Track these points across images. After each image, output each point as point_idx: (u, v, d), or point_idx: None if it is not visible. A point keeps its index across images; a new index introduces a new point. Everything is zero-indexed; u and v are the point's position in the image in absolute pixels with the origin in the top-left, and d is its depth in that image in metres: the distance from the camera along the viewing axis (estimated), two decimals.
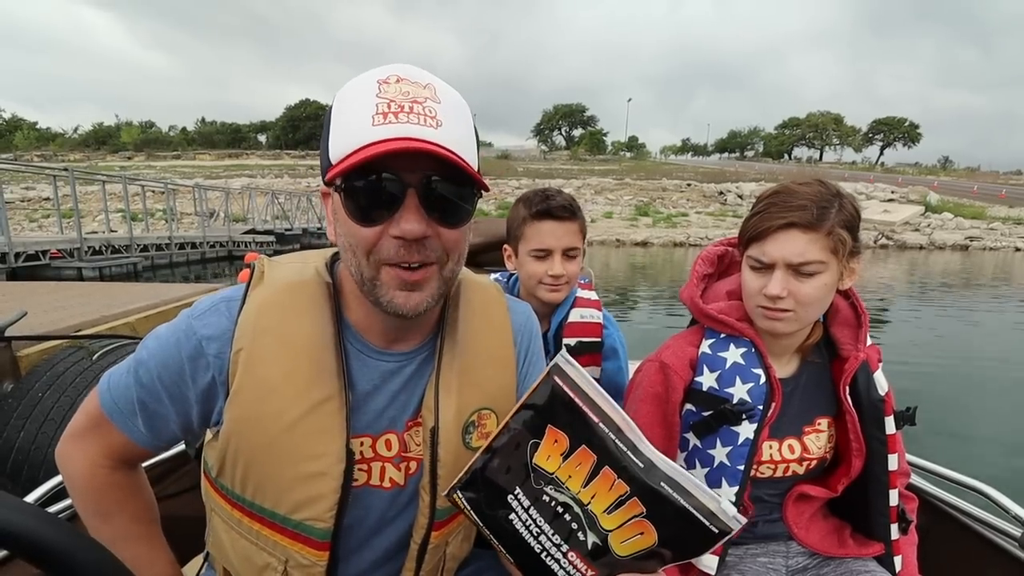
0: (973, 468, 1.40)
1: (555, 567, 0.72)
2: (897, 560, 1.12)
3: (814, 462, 1.12)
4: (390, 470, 0.84)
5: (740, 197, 37.93)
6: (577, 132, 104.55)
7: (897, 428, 1.10)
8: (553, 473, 0.71)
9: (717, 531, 0.65)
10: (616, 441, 0.67)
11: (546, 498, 0.71)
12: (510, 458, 0.73)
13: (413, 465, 0.85)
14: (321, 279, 0.83)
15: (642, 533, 0.67)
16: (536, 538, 0.72)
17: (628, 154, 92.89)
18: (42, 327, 2.74)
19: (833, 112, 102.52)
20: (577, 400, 0.68)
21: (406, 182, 0.69)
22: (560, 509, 0.71)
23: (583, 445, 0.68)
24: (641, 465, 0.66)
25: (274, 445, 0.76)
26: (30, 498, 1.17)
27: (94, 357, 2.41)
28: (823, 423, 1.12)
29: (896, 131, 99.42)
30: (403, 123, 0.67)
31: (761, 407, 1.06)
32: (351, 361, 0.82)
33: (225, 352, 0.77)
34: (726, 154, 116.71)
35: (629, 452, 0.67)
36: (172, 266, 14.53)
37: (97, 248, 11.93)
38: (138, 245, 13.23)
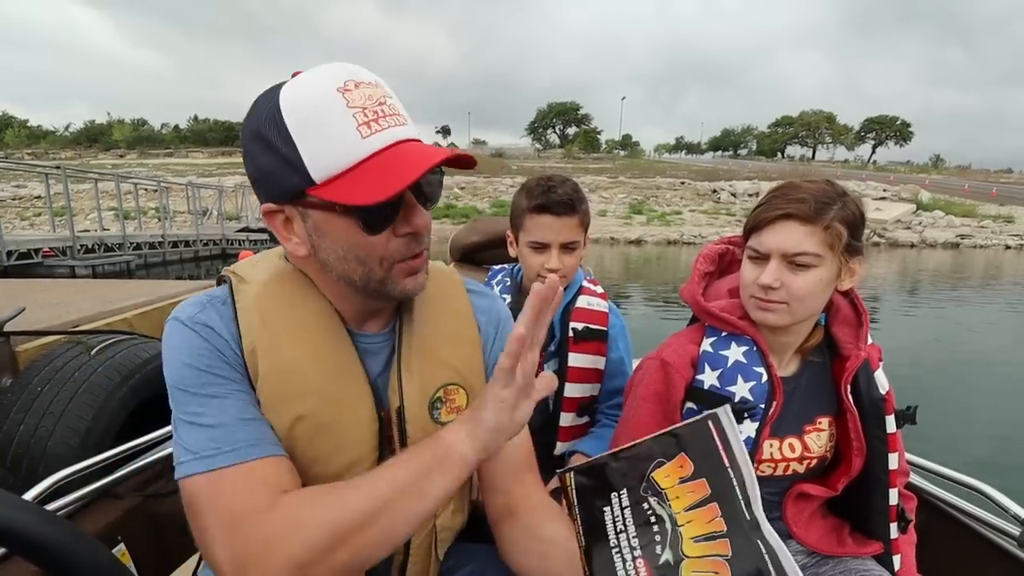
0: (968, 465, 1.41)
1: (619, 564, 0.72)
2: (896, 559, 1.12)
3: (814, 461, 1.12)
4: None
5: (733, 195, 38.00)
6: (571, 130, 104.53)
7: (898, 427, 1.10)
8: (664, 489, 0.72)
9: None
10: (736, 488, 0.68)
11: (645, 505, 0.72)
12: (633, 466, 0.75)
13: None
14: (295, 269, 0.84)
15: (716, 573, 0.65)
16: (617, 534, 0.73)
17: (622, 152, 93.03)
18: (40, 323, 2.75)
19: (825, 111, 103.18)
20: (720, 448, 0.71)
21: None
22: (653, 519, 0.71)
23: (704, 477, 0.70)
24: (748, 518, 0.66)
25: (310, 419, 0.77)
26: (29, 495, 1.17)
27: (92, 352, 2.41)
28: (824, 422, 1.13)
29: (888, 129, 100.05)
30: (386, 128, 0.70)
31: (763, 406, 1.06)
32: None
33: (234, 346, 0.76)
34: (720, 152, 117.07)
35: (742, 502, 0.67)
36: (165, 264, 14.45)
37: (90, 246, 11.83)
38: (131, 243, 13.13)
